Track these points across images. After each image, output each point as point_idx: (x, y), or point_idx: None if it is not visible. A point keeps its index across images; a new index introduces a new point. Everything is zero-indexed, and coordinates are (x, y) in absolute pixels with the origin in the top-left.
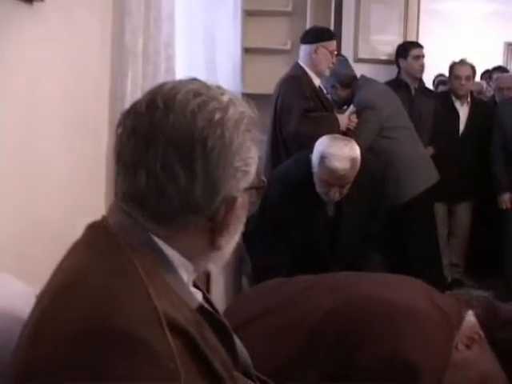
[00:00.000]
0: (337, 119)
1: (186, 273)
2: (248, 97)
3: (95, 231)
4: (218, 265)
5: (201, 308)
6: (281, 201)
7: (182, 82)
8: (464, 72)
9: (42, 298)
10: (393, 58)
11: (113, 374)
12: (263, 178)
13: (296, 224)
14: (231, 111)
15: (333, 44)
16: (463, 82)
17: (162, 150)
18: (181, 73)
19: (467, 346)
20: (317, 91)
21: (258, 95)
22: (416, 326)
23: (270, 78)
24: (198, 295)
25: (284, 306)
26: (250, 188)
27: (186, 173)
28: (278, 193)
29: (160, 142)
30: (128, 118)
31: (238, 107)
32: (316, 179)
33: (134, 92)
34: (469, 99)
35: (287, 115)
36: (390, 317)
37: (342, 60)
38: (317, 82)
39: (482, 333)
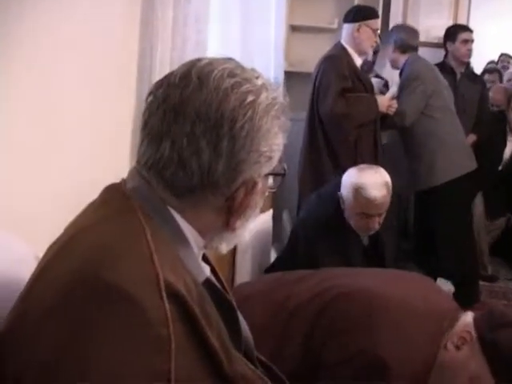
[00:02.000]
0: (375, 101)
1: (197, 247)
2: (291, 75)
3: (111, 192)
4: (230, 245)
5: (207, 282)
6: (314, 244)
7: (218, 60)
8: None
9: (49, 251)
10: (441, 41)
11: (95, 328)
12: (284, 165)
13: (332, 262)
14: (263, 95)
15: (376, 23)
16: None
17: (189, 124)
18: (213, 47)
19: (457, 347)
20: (357, 71)
21: (302, 73)
22: (393, 322)
23: (315, 56)
24: (206, 269)
25: (278, 287)
26: (271, 174)
27: (210, 150)
28: (311, 239)
29: (189, 116)
30: (160, 88)
31: (271, 92)
32: (351, 214)
33: (161, 64)
34: None
35: (324, 94)
36: (368, 308)
37: (415, 31)
38: (358, 61)
39: (474, 334)
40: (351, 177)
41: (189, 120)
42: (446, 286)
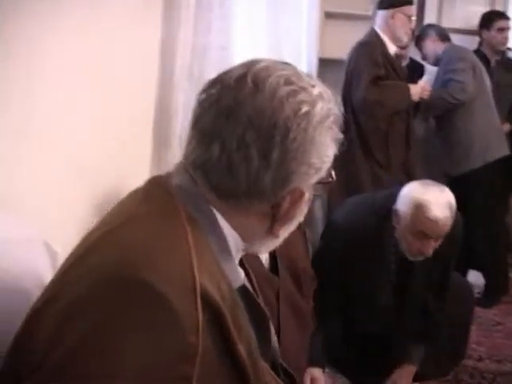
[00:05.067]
0: (408, 89)
1: (235, 250)
2: (326, 62)
3: (156, 187)
4: (270, 249)
5: (242, 288)
6: (340, 249)
7: (275, 65)
8: None
9: (89, 237)
10: (476, 28)
11: (124, 325)
12: (332, 173)
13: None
14: (319, 106)
15: (411, 9)
16: None
17: (241, 129)
18: (237, 32)
19: None
20: (390, 58)
21: (337, 60)
22: None
23: (350, 43)
24: (242, 274)
25: None
26: (319, 182)
27: (260, 158)
28: (341, 242)
29: (241, 120)
30: (214, 88)
31: (327, 103)
32: (405, 233)
33: (183, 48)
34: None
35: (356, 81)
36: None
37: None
38: (392, 49)
39: None
40: (413, 191)
41: (240, 125)
42: (477, 278)
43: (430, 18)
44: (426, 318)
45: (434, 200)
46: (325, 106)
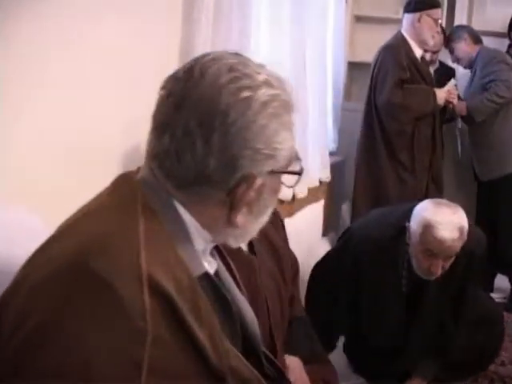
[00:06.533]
0: (434, 93)
1: (202, 241)
2: (356, 66)
3: (123, 180)
4: (239, 241)
5: (207, 278)
6: (355, 257)
7: (223, 54)
8: None
9: (59, 228)
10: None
11: (75, 312)
12: (301, 164)
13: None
14: (261, 91)
15: (437, 12)
16: None
17: (186, 117)
18: (258, 34)
19: None
20: (416, 62)
21: (367, 64)
22: None
23: (380, 47)
24: (211, 265)
25: None
26: (282, 173)
27: (203, 143)
28: (356, 249)
29: (187, 109)
30: (168, 82)
31: (272, 89)
32: (415, 251)
33: (203, 51)
34: None
35: (381, 84)
36: None
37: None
38: (418, 52)
39: None
40: (425, 210)
41: (186, 113)
42: (504, 282)
43: (459, 20)
44: (442, 338)
45: (444, 221)
46: (269, 91)
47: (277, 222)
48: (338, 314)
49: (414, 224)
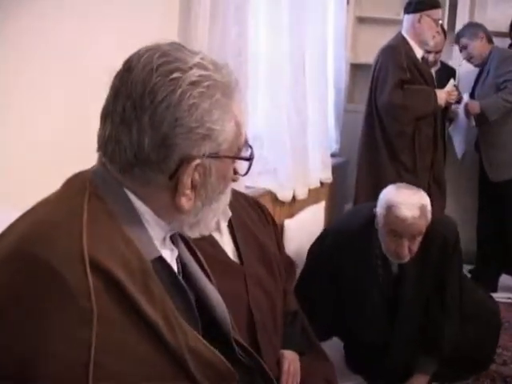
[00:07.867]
0: (434, 94)
1: (160, 229)
2: (358, 67)
3: (73, 177)
4: (195, 231)
5: (161, 262)
6: (330, 252)
7: (159, 44)
8: None
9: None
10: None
11: (22, 298)
12: (251, 150)
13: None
14: (192, 72)
15: (437, 12)
16: None
17: (122, 103)
18: (255, 37)
19: None
20: (417, 62)
21: (369, 65)
22: None
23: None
24: (175, 252)
25: None
26: (227, 157)
27: (137, 125)
28: (330, 243)
29: (123, 95)
30: (116, 76)
31: (204, 70)
32: (382, 234)
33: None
34: None
35: (382, 85)
36: None
37: None
38: (419, 53)
39: None
40: (387, 194)
41: (122, 100)
42: (510, 282)
43: (461, 20)
44: (430, 330)
45: (405, 201)
46: (200, 72)
47: (265, 219)
48: (323, 315)
49: (379, 207)
